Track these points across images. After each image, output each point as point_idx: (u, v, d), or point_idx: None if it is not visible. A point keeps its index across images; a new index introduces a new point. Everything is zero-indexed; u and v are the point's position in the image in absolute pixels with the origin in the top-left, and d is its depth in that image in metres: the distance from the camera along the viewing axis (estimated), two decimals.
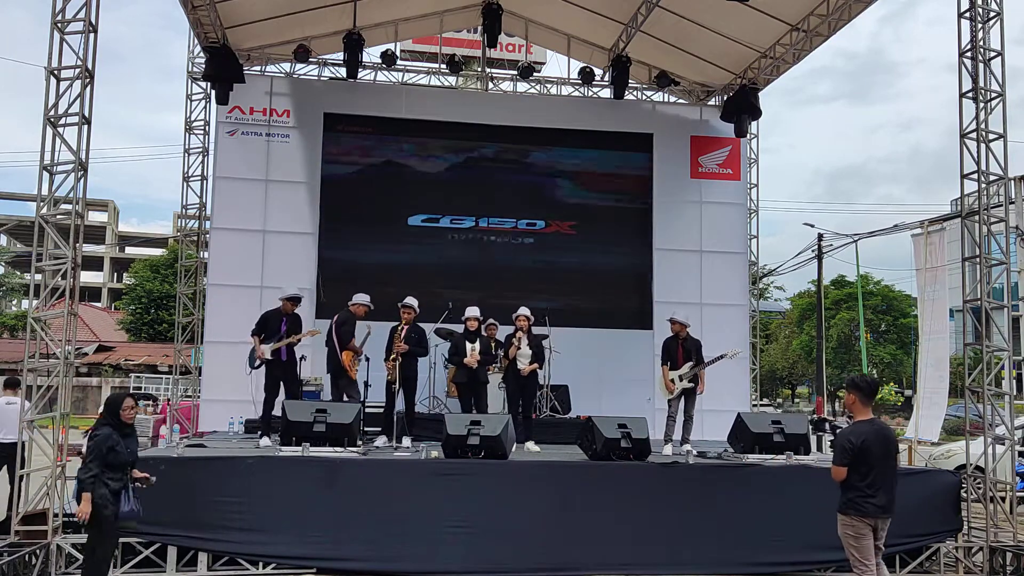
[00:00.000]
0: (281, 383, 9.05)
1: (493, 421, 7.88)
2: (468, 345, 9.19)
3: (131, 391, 24.52)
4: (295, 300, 9.25)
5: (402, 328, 8.93)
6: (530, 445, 8.98)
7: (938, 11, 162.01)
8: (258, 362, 8.94)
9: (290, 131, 12.45)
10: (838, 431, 5.68)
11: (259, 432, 9.05)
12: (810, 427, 13.21)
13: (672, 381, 9.36)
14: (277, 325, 9.05)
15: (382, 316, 9.56)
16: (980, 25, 8.37)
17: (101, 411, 5.93)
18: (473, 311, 9.38)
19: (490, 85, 13.86)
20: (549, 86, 13.60)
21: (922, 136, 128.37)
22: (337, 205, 12.50)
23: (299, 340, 9.13)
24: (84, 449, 6.05)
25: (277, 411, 8.61)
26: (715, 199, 13.30)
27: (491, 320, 9.88)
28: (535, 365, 9.25)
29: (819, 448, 10.71)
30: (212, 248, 12.11)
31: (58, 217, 7.31)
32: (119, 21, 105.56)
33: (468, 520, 7.33)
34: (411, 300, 9.17)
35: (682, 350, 9.44)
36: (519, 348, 9.16)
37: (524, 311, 9.42)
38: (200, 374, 12.25)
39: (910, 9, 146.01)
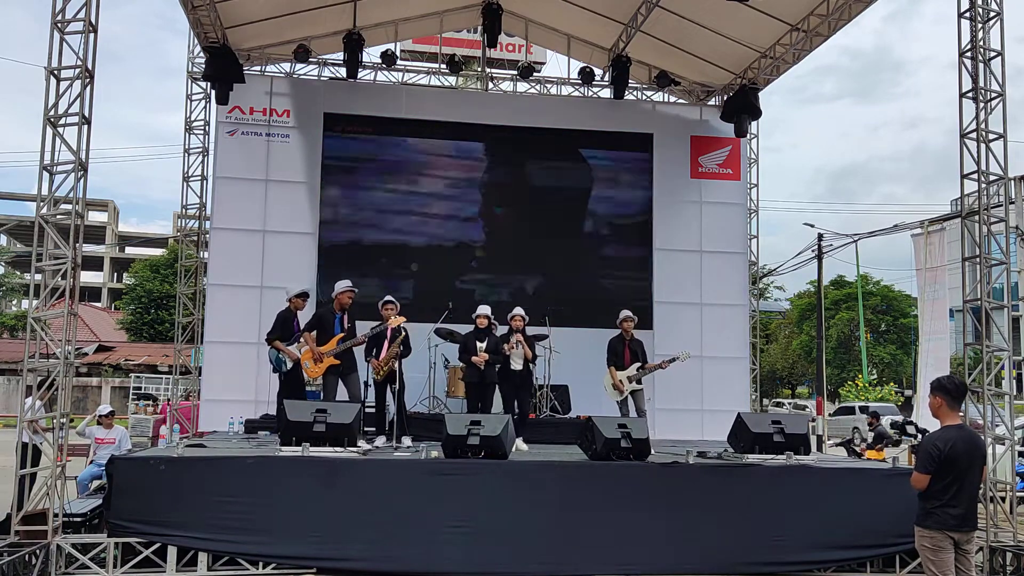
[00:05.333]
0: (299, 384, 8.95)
1: (493, 421, 7.85)
2: (478, 344, 9.18)
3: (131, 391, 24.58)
4: (304, 296, 9.21)
5: (388, 328, 8.86)
6: (519, 443, 8.92)
7: (943, 9, 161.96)
8: (290, 364, 8.84)
9: (290, 131, 12.45)
10: (924, 435, 5.30)
11: (277, 437, 8.61)
12: (891, 428, 13.03)
13: (622, 382, 9.49)
14: (294, 325, 9.01)
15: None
16: (980, 25, 8.37)
17: None
18: (484, 309, 9.36)
19: (490, 85, 13.86)
20: (549, 86, 13.60)
21: (926, 134, 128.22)
22: (337, 204, 12.50)
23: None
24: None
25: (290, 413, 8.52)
26: (715, 199, 13.31)
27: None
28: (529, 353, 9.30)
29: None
30: (212, 248, 12.12)
31: (58, 217, 7.29)
32: (117, 21, 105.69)
33: (468, 520, 7.31)
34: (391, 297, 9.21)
35: (628, 351, 9.62)
36: (514, 348, 9.16)
37: (519, 311, 9.42)
38: (200, 374, 12.25)
39: (915, 7, 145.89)
